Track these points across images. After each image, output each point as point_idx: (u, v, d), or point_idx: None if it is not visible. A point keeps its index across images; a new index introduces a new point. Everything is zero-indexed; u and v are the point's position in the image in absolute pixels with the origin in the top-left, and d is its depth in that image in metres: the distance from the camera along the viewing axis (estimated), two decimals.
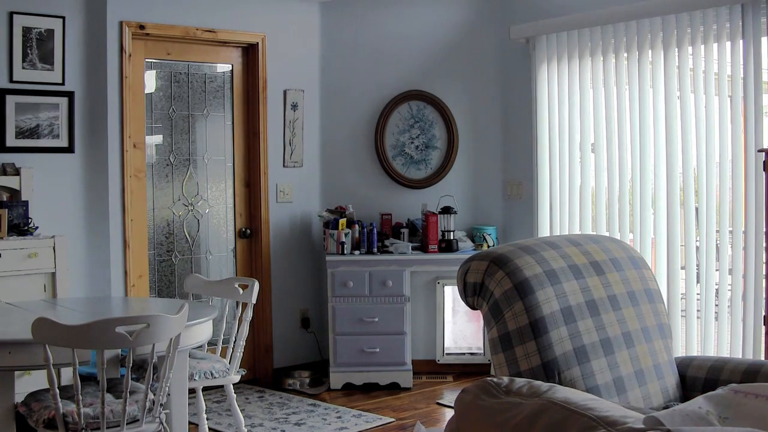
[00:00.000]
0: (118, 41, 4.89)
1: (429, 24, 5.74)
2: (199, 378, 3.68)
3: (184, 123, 5.36)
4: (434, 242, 5.36)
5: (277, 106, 5.57)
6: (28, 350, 2.80)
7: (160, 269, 5.27)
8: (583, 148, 5.16)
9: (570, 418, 1.69)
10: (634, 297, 2.56)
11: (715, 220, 4.48)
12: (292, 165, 5.64)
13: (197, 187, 5.42)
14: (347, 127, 5.77)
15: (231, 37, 5.37)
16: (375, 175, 5.77)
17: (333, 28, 5.75)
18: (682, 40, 4.60)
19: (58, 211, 4.76)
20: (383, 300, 5.19)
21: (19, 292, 4.14)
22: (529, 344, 2.23)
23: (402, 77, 5.74)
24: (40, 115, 4.71)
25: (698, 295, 4.55)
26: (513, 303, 2.26)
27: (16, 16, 4.61)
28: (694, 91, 4.61)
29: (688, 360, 2.72)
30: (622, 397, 2.33)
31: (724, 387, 1.90)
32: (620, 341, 2.41)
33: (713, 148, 4.47)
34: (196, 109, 5.39)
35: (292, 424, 4.49)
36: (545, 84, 5.33)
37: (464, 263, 2.43)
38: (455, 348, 5.64)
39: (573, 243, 2.58)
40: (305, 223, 5.71)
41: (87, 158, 4.90)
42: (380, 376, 5.22)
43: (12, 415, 2.94)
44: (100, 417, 2.80)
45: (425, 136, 5.76)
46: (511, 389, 1.91)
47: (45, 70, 4.71)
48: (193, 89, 5.37)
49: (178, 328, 2.90)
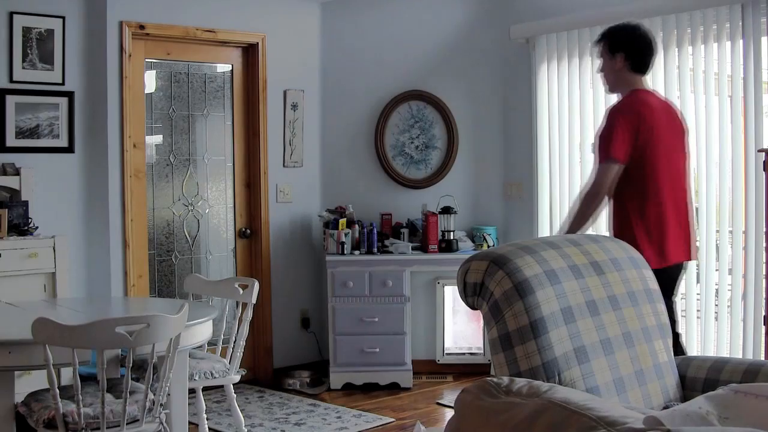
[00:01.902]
0: (118, 41, 4.89)
1: (429, 24, 5.74)
2: (199, 378, 3.68)
3: (184, 123, 5.36)
4: (434, 242, 5.36)
5: (277, 106, 5.57)
6: (28, 350, 2.80)
7: (160, 269, 5.27)
8: (583, 148, 5.16)
9: (570, 418, 1.69)
10: (634, 297, 2.56)
11: (715, 220, 4.48)
12: (292, 165, 5.64)
13: (197, 187, 5.42)
14: (347, 127, 5.77)
15: (231, 37, 5.37)
16: (375, 175, 5.77)
17: (333, 28, 5.75)
18: (682, 40, 4.60)
19: (58, 211, 4.76)
20: (383, 300, 5.19)
21: (19, 292, 4.14)
22: (529, 344, 2.23)
23: (402, 77, 5.74)
24: (40, 115, 4.71)
25: (698, 295, 4.55)
26: (513, 303, 2.26)
27: (16, 16, 4.61)
28: (694, 91, 4.61)
29: (688, 360, 2.72)
30: (622, 397, 2.33)
31: (724, 387, 1.90)
32: (620, 341, 2.41)
33: (713, 148, 4.47)
34: (196, 109, 5.40)
35: (292, 424, 4.50)
36: (545, 84, 5.33)
37: (464, 263, 2.42)
38: (455, 348, 5.64)
39: (573, 243, 2.58)
40: (305, 223, 5.71)
41: (87, 158, 4.90)
42: (380, 376, 5.22)
43: (12, 415, 2.94)
44: (100, 417, 2.80)
45: (425, 136, 5.76)
46: (511, 389, 1.91)
47: (45, 70, 4.71)
48: (193, 89, 5.38)
49: (178, 328, 2.90)
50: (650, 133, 3.41)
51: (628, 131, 3.39)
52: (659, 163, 3.46)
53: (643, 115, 3.42)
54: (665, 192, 3.48)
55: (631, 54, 3.51)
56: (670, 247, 3.48)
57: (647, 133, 3.41)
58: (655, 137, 3.43)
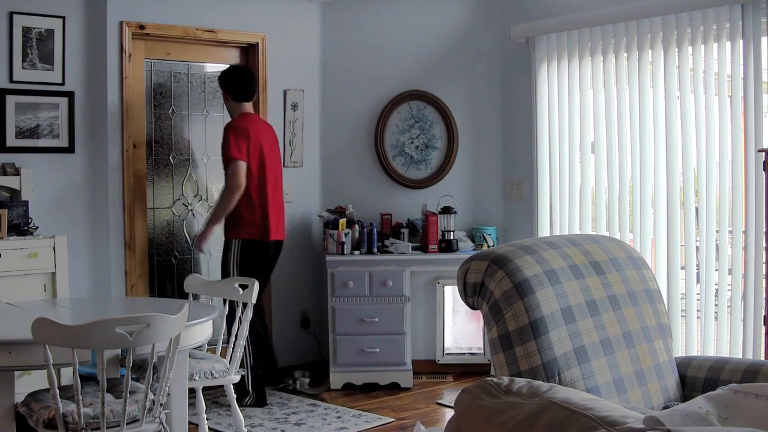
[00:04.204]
0: (118, 41, 4.89)
1: (429, 24, 5.74)
2: (199, 378, 3.68)
3: (184, 123, 5.35)
4: (434, 242, 5.36)
5: (277, 106, 5.57)
6: (28, 350, 2.80)
7: (160, 269, 5.27)
8: (583, 148, 5.16)
9: (570, 418, 1.69)
10: (634, 297, 2.56)
11: (715, 220, 4.48)
12: (292, 165, 5.64)
13: (197, 187, 5.42)
14: (347, 127, 5.78)
15: (231, 37, 5.37)
16: (375, 175, 5.77)
17: (333, 28, 5.75)
18: (682, 40, 4.60)
19: (58, 211, 4.76)
20: (383, 300, 5.19)
21: (19, 292, 4.14)
22: (529, 344, 2.23)
23: (402, 77, 5.74)
24: (40, 115, 4.71)
25: (698, 295, 4.55)
26: (513, 303, 2.26)
27: (16, 16, 4.61)
28: (694, 91, 4.60)
29: (688, 360, 2.72)
30: (622, 397, 2.33)
31: (724, 387, 1.90)
32: (620, 341, 2.42)
33: (713, 148, 4.47)
34: (196, 109, 5.39)
35: (292, 424, 4.50)
36: (545, 84, 5.33)
37: (464, 263, 2.43)
38: (455, 348, 5.64)
39: (573, 243, 2.58)
40: (305, 223, 5.71)
41: (87, 158, 4.90)
42: (380, 376, 5.22)
43: (12, 415, 2.94)
44: (100, 417, 2.80)
45: (425, 136, 5.76)
46: (511, 389, 1.91)
47: (45, 70, 4.71)
48: (193, 89, 5.37)
49: (178, 328, 2.90)
50: (255, 144, 4.70)
51: (240, 140, 4.65)
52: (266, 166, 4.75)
53: (248, 131, 4.69)
54: (269, 187, 4.76)
55: (229, 89, 4.82)
56: (272, 228, 4.78)
57: (253, 144, 4.68)
58: (259, 147, 4.72)
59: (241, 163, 4.62)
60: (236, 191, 4.63)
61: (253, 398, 4.82)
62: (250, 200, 4.71)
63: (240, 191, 4.64)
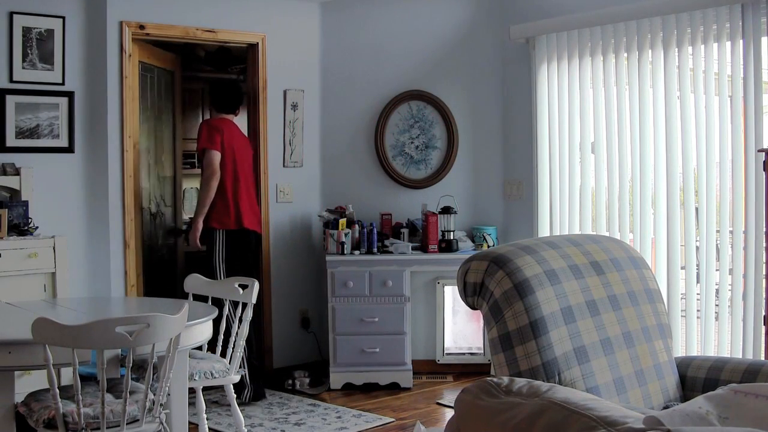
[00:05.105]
0: (118, 41, 4.89)
1: (429, 24, 5.74)
2: (199, 378, 3.68)
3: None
4: (434, 242, 5.36)
5: (277, 106, 5.57)
6: (28, 350, 2.80)
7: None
8: (583, 148, 5.16)
9: (570, 418, 1.69)
10: (634, 297, 2.56)
11: (715, 220, 4.48)
12: (292, 165, 5.64)
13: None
14: (347, 127, 5.77)
15: (231, 37, 5.37)
16: (375, 175, 5.77)
17: (333, 28, 5.75)
18: (682, 40, 4.60)
19: (58, 211, 4.76)
20: (383, 300, 5.19)
21: (19, 292, 4.14)
22: (529, 344, 2.23)
23: (402, 77, 5.74)
24: (40, 115, 4.71)
25: (698, 295, 4.55)
26: (513, 303, 2.26)
27: (16, 16, 4.61)
28: (694, 91, 4.60)
29: (688, 360, 2.72)
30: (622, 397, 2.33)
31: (724, 387, 1.90)
32: (620, 341, 2.42)
33: (713, 148, 4.47)
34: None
35: (292, 424, 4.49)
36: (545, 84, 5.33)
37: (464, 263, 2.42)
38: (455, 348, 5.64)
39: (573, 243, 2.58)
40: (305, 223, 5.71)
41: (87, 158, 4.90)
42: (380, 376, 5.22)
43: (12, 415, 2.93)
44: (100, 417, 2.80)
45: (425, 136, 5.76)
46: (511, 389, 1.91)
47: (45, 70, 4.71)
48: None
49: (178, 328, 2.90)
50: (228, 140, 4.93)
51: (214, 133, 4.89)
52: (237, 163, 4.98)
53: (222, 128, 4.93)
54: (242, 181, 4.99)
55: (213, 100, 5.12)
56: (245, 216, 4.97)
57: (226, 139, 4.92)
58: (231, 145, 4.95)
59: (215, 152, 4.86)
60: (212, 178, 4.85)
61: (251, 391, 4.82)
62: (223, 189, 4.91)
63: (216, 178, 4.86)
